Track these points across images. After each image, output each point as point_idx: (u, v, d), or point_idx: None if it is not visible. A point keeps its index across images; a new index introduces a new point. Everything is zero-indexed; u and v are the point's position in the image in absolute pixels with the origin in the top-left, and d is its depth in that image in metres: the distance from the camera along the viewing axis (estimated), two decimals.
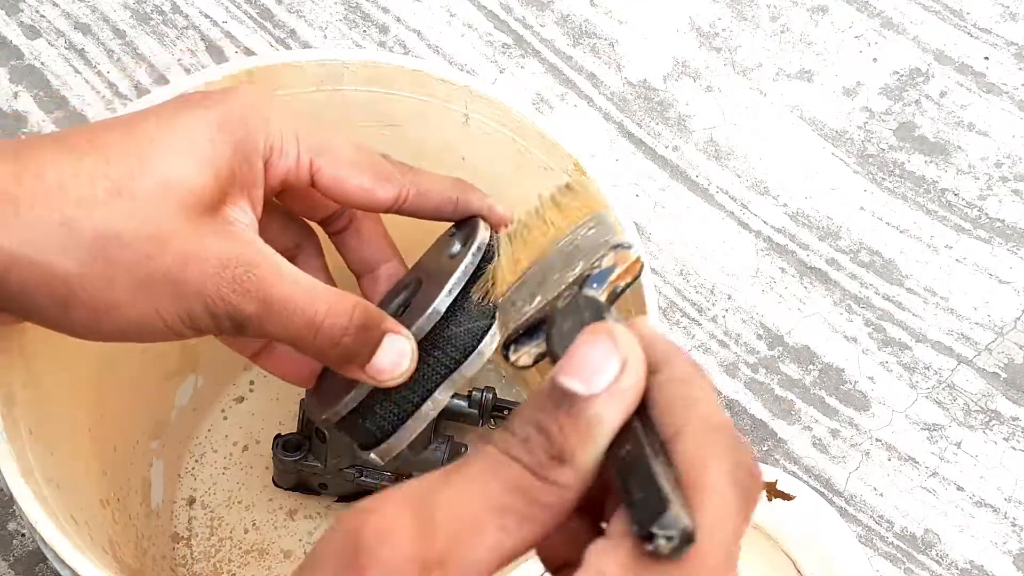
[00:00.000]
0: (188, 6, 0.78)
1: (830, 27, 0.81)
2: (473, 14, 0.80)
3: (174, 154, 0.34)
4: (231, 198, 0.35)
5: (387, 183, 0.39)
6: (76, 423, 0.47)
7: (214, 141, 0.35)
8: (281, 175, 0.37)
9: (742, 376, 0.66)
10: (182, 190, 0.34)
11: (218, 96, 0.36)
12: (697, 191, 0.73)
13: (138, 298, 0.34)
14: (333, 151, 0.38)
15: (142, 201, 0.33)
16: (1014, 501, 0.63)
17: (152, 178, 0.34)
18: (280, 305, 0.35)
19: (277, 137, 0.37)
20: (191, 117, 0.35)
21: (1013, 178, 0.75)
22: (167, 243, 0.33)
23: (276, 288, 0.35)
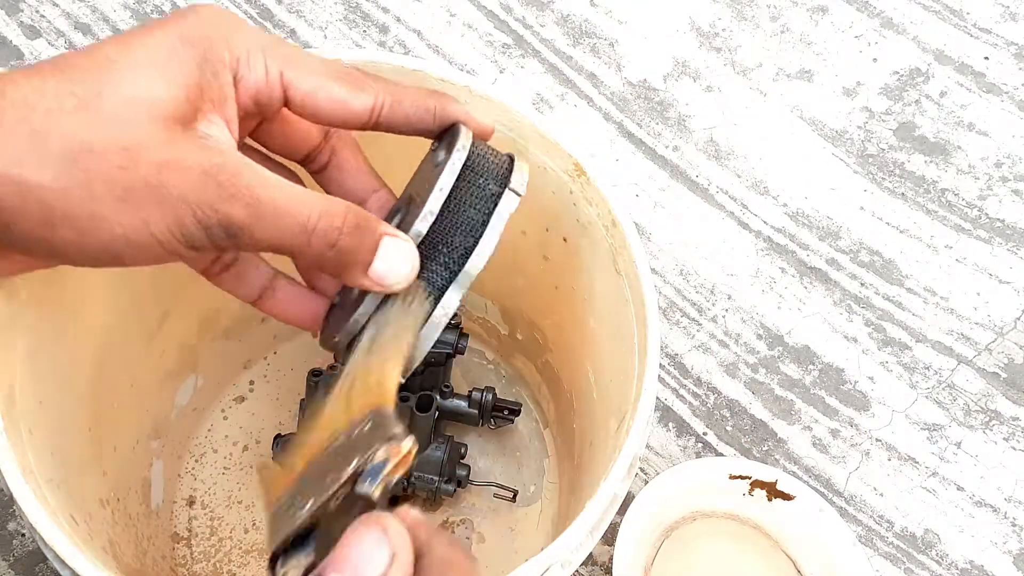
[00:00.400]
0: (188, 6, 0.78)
1: (830, 27, 0.81)
2: (473, 14, 0.80)
3: (138, 70, 0.33)
4: (203, 113, 0.35)
5: (361, 92, 0.38)
6: (76, 423, 0.47)
7: (178, 56, 0.34)
8: (252, 90, 0.36)
9: (742, 376, 0.66)
10: (150, 103, 0.33)
11: (178, 15, 0.36)
12: (697, 191, 0.73)
13: (121, 210, 0.33)
14: (302, 63, 0.37)
15: (110, 114, 0.33)
16: (1014, 501, 0.63)
17: (118, 93, 0.33)
18: (271, 209, 0.34)
19: (242, 50, 0.36)
20: (151, 37, 0.35)
21: (1013, 178, 0.75)
22: (140, 153, 0.33)
23: (264, 192, 0.34)
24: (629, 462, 0.40)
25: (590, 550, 0.41)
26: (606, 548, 0.59)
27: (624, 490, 0.41)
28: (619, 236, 0.46)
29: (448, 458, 0.56)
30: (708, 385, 0.66)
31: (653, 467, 0.63)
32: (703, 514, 0.59)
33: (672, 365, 0.66)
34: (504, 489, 0.60)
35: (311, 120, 0.39)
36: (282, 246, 0.35)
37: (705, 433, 0.64)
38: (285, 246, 0.35)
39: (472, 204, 0.39)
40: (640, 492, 0.55)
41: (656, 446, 0.64)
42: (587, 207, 0.48)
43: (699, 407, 0.65)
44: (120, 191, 0.32)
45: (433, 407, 0.55)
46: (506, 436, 0.62)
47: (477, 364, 0.64)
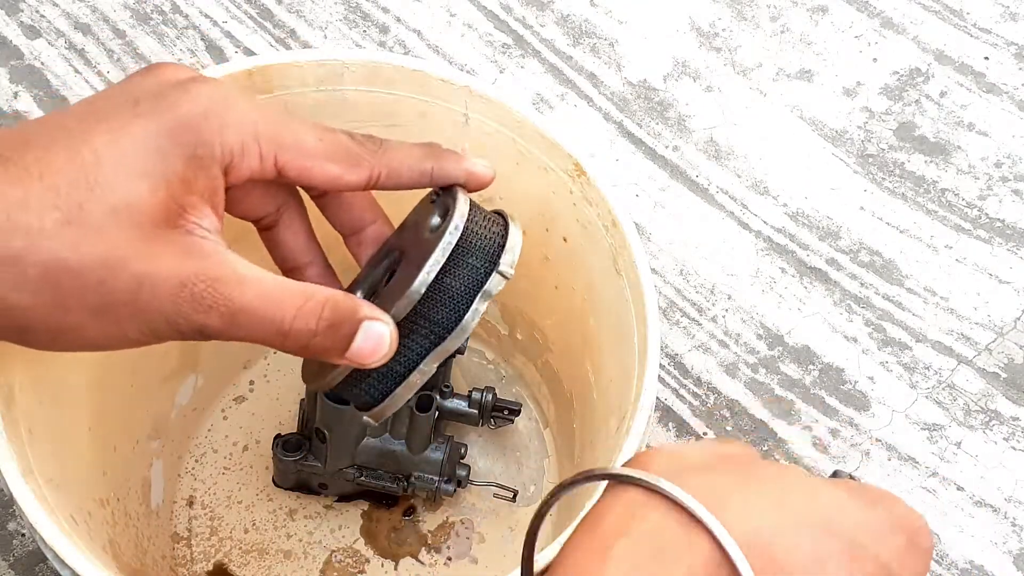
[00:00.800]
0: (188, 6, 0.78)
1: (830, 27, 0.81)
2: (473, 14, 0.80)
3: (124, 174, 0.33)
4: (189, 208, 0.35)
5: (356, 168, 0.39)
6: (76, 423, 0.47)
7: (165, 154, 0.34)
8: (245, 176, 0.37)
9: (742, 376, 0.66)
10: (133, 211, 0.33)
11: (170, 100, 0.35)
12: (697, 191, 0.73)
13: (97, 322, 0.34)
14: (296, 143, 0.38)
15: (92, 228, 0.33)
16: (1014, 501, 0.63)
17: (102, 204, 0.33)
18: (245, 317, 0.34)
19: (236, 142, 0.36)
20: (140, 129, 0.34)
21: (1013, 178, 0.75)
22: (119, 268, 0.33)
23: (239, 300, 0.34)
24: None
25: None
26: None
27: None
28: (619, 236, 0.46)
29: (448, 458, 0.56)
30: (708, 385, 0.66)
31: None
32: None
33: (672, 365, 0.66)
34: (504, 489, 0.60)
35: (305, 189, 0.40)
36: (257, 342, 0.36)
37: (705, 433, 0.64)
38: (260, 342, 0.36)
39: (460, 280, 0.40)
40: None
41: (656, 446, 0.64)
42: (587, 207, 0.48)
43: (699, 407, 0.65)
44: (97, 306, 0.33)
45: (433, 407, 0.55)
46: (506, 436, 0.62)
47: (477, 364, 0.64)
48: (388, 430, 0.56)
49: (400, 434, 0.56)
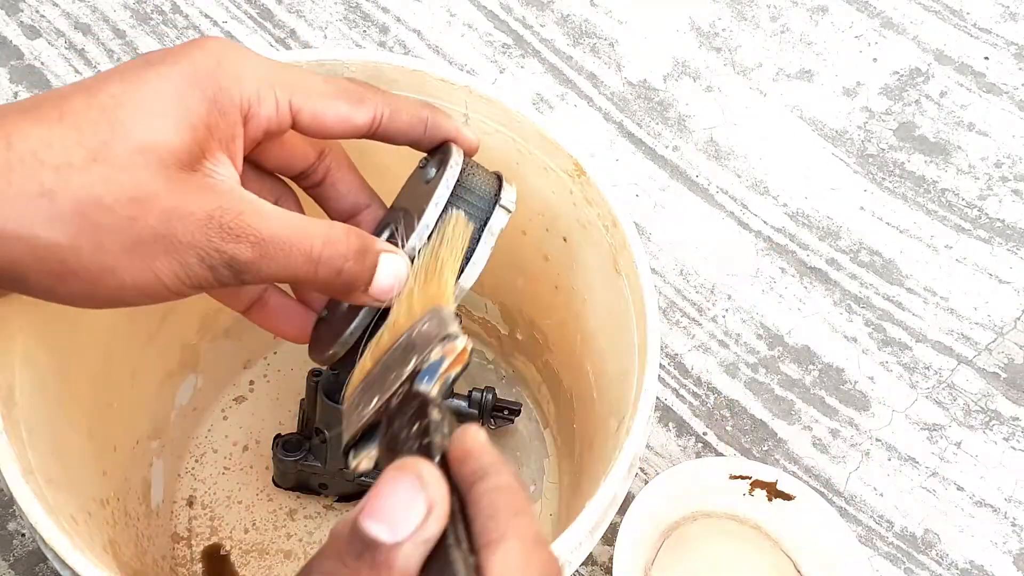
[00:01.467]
0: (188, 6, 0.78)
1: (830, 27, 0.81)
2: (473, 14, 0.80)
3: (145, 113, 0.34)
4: (210, 153, 0.35)
5: (362, 105, 0.39)
6: (76, 423, 0.47)
7: (186, 99, 0.34)
8: (264, 125, 0.37)
9: (742, 376, 0.66)
10: (159, 150, 0.33)
11: (182, 51, 0.35)
12: (697, 191, 0.73)
13: (131, 260, 0.33)
14: (306, 88, 0.38)
15: (120, 165, 0.33)
16: (1014, 501, 0.63)
17: (127, 142, 0.33)
18: (275, 245, 0.35)
19: (252, 90, 0.36)
20: (157, 76, 0.34)
21: (1013, 178, 0.75)
22: (149, 203, 0.33)
23: (267, 230, 0.34)
24: (629, 462, 0.40)
25: (590, 550, 0.41)
26: (606, 548, 0.59)
27: (624, 490, 0.41)
28: (619, 236, 0.46)
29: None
30: (708, 385, 0.66)
31: (653, 467, 0.63)
32: (703, 514, 0.59)
33: (672, 365, 0.66)
34: None
35: (316, 136, 0.40)
36: (289, 277, 0.36)
37: (705, 433, 0.64)
38: (292, 277, 0.36)
39: (466, 214, 0.40)
40: (640, 492, 0.56)
41: (656, 446, 0.64)
42: (587, 207, 0.48)
43: (699, 407, 0.65)
44: (130, 242, 0.33)
45: None
46: (506, 436, 0.62)
47: (477, 364, 0.64)
48: None
49: None
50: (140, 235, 0.33)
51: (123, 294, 0.34)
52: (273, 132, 0.38)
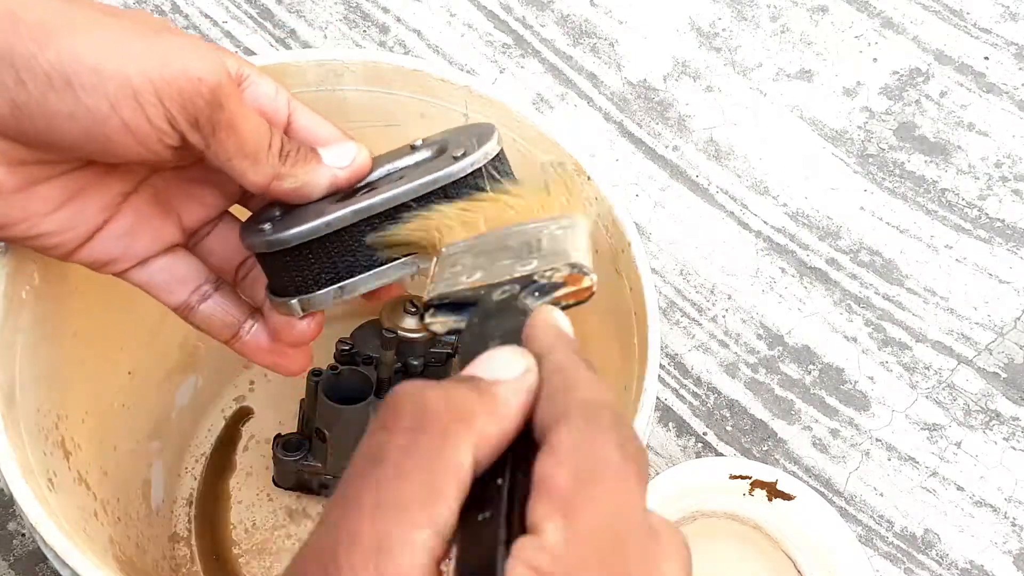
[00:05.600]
0: (188, 6, 0.78)
1: (830, 27, 0.81)
2: (473, 14, 0.80)
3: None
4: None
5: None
6: (76, 423, 0.47)
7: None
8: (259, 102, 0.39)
9: (742, 376, 0.66)
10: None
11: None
12: (697, 191, 0.73)
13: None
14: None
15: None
16: (1014, 501, 0.63)
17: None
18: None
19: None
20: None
21: (1013, 178, 0.75)
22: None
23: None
24: None
25: None
26: None
27: None
28: (619, 236, 0.46)
29: None
30: (708, 385, 0.66)
31: (653, 467, 0.63)
32: (703, 514, 0.59)
33: (672, 365, 0.66)
34: None
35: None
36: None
37: (705, 433, 0.64)
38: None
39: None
40: None
41: (656, 446, 0.64)
42: (587, 207, 0.48)
43: (699, 407, 0.65)
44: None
45: None
46: None
47: None
48: None
49: None
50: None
51: (117, 133, 0.33)
52: (269, 115, 0.39)
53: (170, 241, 0.40)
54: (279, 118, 0.39)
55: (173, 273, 0.40)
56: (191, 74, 0.33)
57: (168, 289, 0.40)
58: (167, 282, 0.40)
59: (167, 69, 0.33)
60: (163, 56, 0.33)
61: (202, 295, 0.41)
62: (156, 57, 0.33)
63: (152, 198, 0.39)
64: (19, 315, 0.41)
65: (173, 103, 0.33)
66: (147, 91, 0.33)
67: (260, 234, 0.38)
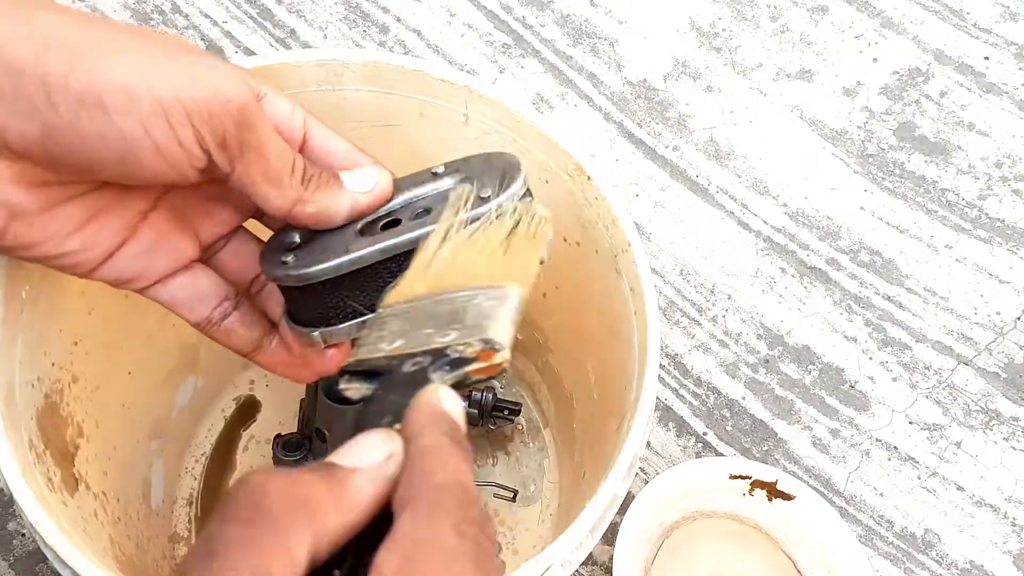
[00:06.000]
0: (188, 6, 0.78)
1: (830, 27, 0.81)
2: (473, 14, 0.80)
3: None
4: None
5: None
6: (76, 423, 0.47)
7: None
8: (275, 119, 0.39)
9: (742, 376, 0.66)
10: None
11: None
12: (697, 191, 0.73)
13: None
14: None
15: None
16: (1014, 501, 0.63)
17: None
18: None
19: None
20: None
21: (1013, 178, 0.75)
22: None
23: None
24: (629, 462, 0.40)
25: (590, 550, 0.41)
26: (606, 548, 0.59)
27: (624, 490, 0.41)
28: (619, 236, 0.46)
29: None
30: (708, 385, 0.66)
31: (653, 467, 0.63)
32: (703, 514, 0.59)
33: (672, 365, 0.66)
34: (504, 489, 0.60)
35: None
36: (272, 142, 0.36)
37: (705, 433, 0.64)
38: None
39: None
40: (640, 492, 0.55)
41: (656, 446, 0.64)
42: (587, 207, 0.48)
43: (699, 407, 0.65)
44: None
45: None
46: (506, 436, 0.62)
47: None
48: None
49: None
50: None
51: (152, 158, 0.33)
52: (286, 133, 0.39)
53: (189, 257, 0.40)
54: (296, 135, 0.39)
55: (194, 290, 0.40)
56: (221, 95, 0.33)
57: (190, 306, 0.40)
58: (189, 299, 0.40)
59: (197, 90, 0.33)
60: (193, 77, 0.33)
61: (224, 311, 0.41)
62: (186, 78, 0.33)
63: (170, 215, 0.39)
64: (19, 315, 0.41)
65: (203, 124, 0.33)
66: (178, 112, 0.33)
67: (283, 267, 0.38)
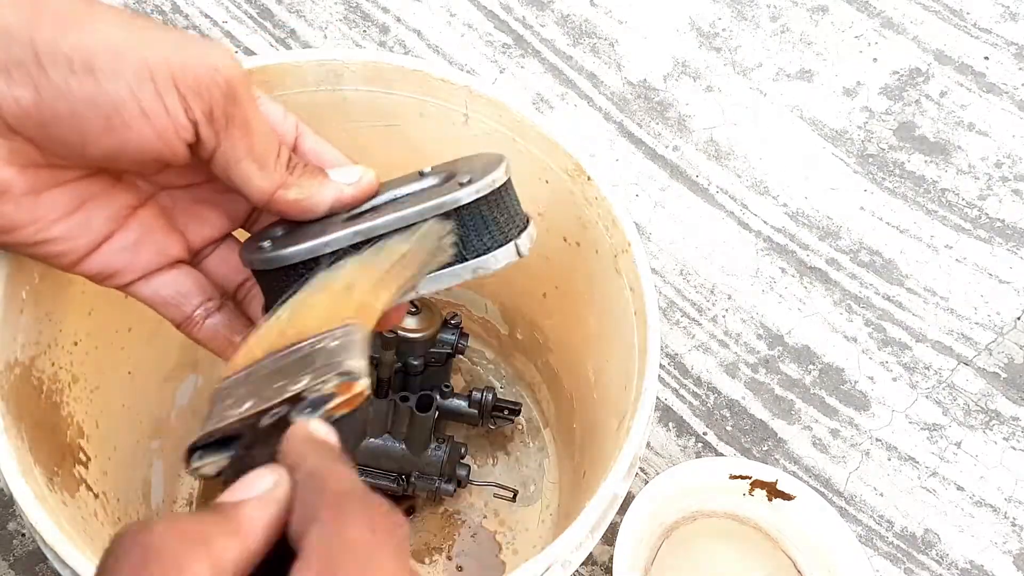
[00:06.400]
0: (188, 6, 0.78)
1: (830, 27, 0.81)
2: (473, 14, 0.80)
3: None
4: None
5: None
6: (76, 423, 0.47)
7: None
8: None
9: (742, 376, 0.66)
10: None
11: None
12: (697, 191, 0.73)
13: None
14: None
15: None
16: (1014, 501, 0.63)
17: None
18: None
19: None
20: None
21: (1013, 178, 0.75)
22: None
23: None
24: (629, 462, 0.40)
25: (590, 550, 0.41)
26: (606, 548, 0.59)
27: (624, 490, 0.41)
28: (619, 236, 0.46)
29: (448, 458, 0.56)
30: (708, 385, 0.66)
31: (653, 467, 0.63)
32: (703, 514, 0.59)
33: (672, 365, 0.66)
34: (504, 489, 0.60)
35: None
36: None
37: (705, 433, 0.64)
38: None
39: (507, 214, 0.38)
40: (640, 492, 0.56)
41: (656, 446, 0.64)
42: (587, 207, 0.48)
43: (699, 407, 0.65)
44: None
45: (433, 407, 0.55)
46: (506, 436, 0.62)
47: (477, 364, 0.64)
48: (388, 430, 0.56)
49: (400, 434, 0.56)
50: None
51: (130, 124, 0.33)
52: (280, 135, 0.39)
53: (174, 256, 0.40)
54: (287, 139, 0.39)
55: (178, 288, 0.40)
56: (208, 62, 0.34)
57: (173, 304, 0.40)
58: (172, 297, 0.40)
59: (185, 55, 0.33)
60: (181, 44, 0.34)
61: (206, 311, 0.41)
62: (173, 44, 0.33)
63: (159, 213, 0.39)
64: (19, 315, 0.41)
65: (189, 90, 0.34)
66: (164, 75, 0.33)
67: (259, 251, 0.38)
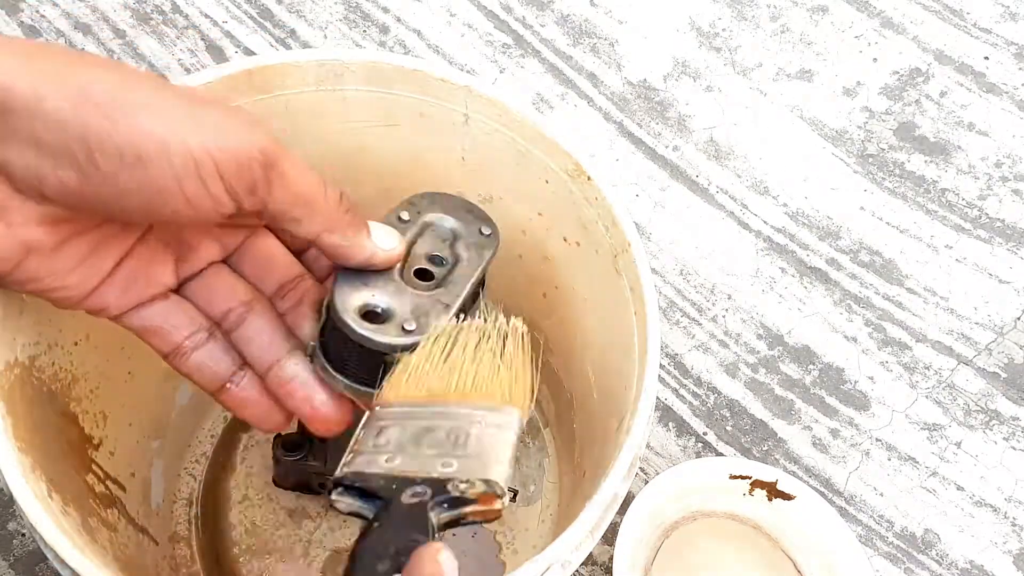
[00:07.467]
0: (188, 6, 0.78)
1: (830, 27, 0.81)
2: (473, 14, 0.80)
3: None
4: None
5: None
6: (76, 423, 0.47)
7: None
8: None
9: (742, 376, 0.66)
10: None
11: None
12: (697, 191, 0.73)
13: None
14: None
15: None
16: (1014, 501, 0.63)
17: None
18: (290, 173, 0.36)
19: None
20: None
21: (1013, 178, 0.75)
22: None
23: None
24: (629, 462, 0.40)
25: (590, 550, 0.41)
26: (606, 548, 0.59)
27: (624, 490, 0.41)
28: (619, 236, 0.46)
29: None
30: (708, 385, 0.66)
31: (653, 467, 0.63)
32: (703, 514, 0.59)
33: (672, 365, 0.66)
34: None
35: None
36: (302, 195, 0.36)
37: (705, 433, 0.64)
38: (305, 195, 0.36)
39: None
40: (640, 492, 0.56)
41: (656, 446, 0.64)
42: (587, 207, 0.48)
43: (699, 407, 0.65)
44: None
45: None
46: None
47: None
48: None
49: None
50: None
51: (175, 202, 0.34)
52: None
53: (165, 285, 0.40)
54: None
55: (167, 318, 0.40)
56: (248, 144, 0.34)
57: (162, 334, 0.40)
58: (161, 327, 0.40)
59: (226, 140, 0.34)
60: (222, 128, 0.34)
61: (195, 343, 0.41)
62: (214, 129, 0.34)
63: (156, 247, 0.39)
64: (19, 315, 0.41)
65: (232, 175, 0.34)
66: (208, 165, 0.33)
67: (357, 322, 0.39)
